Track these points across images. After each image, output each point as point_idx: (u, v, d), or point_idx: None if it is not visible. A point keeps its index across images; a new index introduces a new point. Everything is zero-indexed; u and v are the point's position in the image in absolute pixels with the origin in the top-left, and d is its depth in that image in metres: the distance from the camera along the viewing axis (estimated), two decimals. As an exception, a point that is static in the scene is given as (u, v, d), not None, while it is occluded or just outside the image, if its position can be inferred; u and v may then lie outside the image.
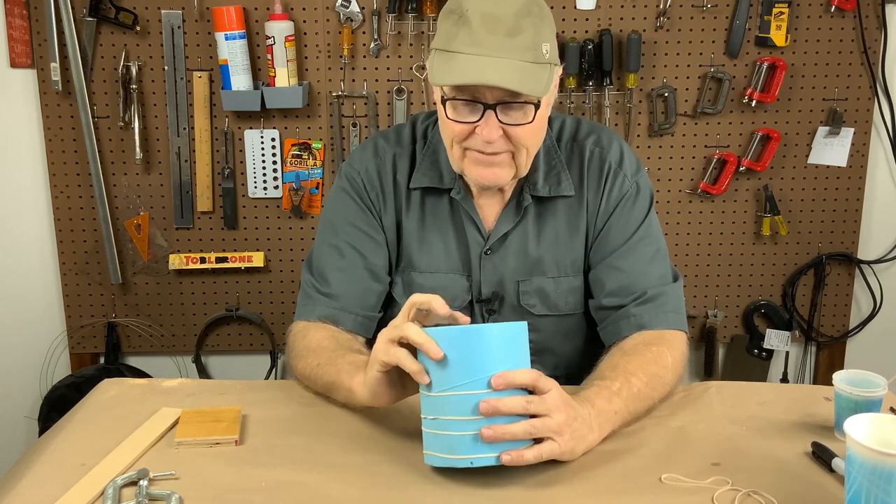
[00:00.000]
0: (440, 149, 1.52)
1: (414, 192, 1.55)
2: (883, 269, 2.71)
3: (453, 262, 1.55)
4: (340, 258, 1.54)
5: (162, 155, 2.51)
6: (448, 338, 1.17)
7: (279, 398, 1.47)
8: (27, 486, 1.20)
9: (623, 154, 1.56)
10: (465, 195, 1.53)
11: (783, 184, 2.60)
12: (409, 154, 1.56)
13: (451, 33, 1.35)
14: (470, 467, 1.17)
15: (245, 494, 1.18)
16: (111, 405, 1.45)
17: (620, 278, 1.51)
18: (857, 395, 1.30)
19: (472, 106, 1.37)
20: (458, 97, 1.37)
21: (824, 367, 2.75)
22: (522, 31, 1.34)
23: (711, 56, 2.50)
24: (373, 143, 1.59)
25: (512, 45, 1.33)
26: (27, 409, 2.69)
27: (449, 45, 1.35)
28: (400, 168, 1.56)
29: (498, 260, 1.54)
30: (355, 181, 1.56)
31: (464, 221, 1.54)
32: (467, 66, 1.32)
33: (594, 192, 1.54)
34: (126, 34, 2.41)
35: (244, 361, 2.71)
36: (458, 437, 1.17)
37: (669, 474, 1.23)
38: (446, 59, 1.35)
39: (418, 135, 1.58)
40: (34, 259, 2.60)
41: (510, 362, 1.17)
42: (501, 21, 1.33)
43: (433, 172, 1.54)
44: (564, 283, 1.55)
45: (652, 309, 1.48)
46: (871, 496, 1.04)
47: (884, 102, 2.57)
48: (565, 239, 1.54)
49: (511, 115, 1.37)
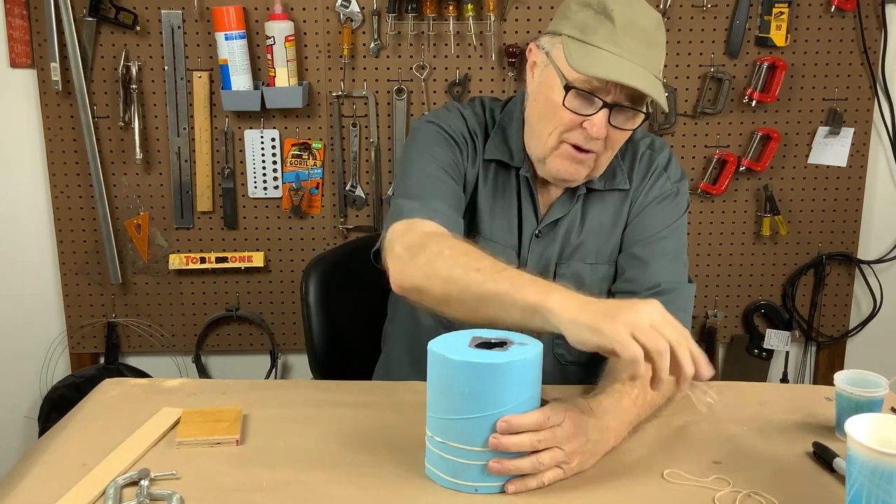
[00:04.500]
0: (510, 130, 1.57)
1: (489, 163, 1.58)
2: (883, 269, 2.71)
3: (511, 238, 1.58)
4: (440, 177, 1.49)
5: (162, 155, 2.51)
6: (461, 369, 1.15)
7: (280, 398, 1.47)
8: (28, 486, 1.20)
9: (671, 160, 1.62)
10: (532, 176, 1.56)
11: (783, 184, 2.60)
12: (483, 125, 1.59)
13: (590, 26, 1.38)
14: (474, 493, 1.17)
15: (246, 494, 1.18)
16: (112, 405, 1.45)
17: (639, 267, 1.55)
18: (859, 395, 1.30)
19: (589, 99, 1.40)
20: (583, 88, 1.39)
21: (824, 367, 2.75)
22: (656, 45, 1.40)
23: (711, 56, 2.50)
24: (455, 108, 1.60)
25: (647, 56, 1.39)
26: (27, 409, 2.69)
27: (587, 37, 1.38)
28: (478, 135, 1.58)
29: (546, 243, 1.58)
30: (449, 130, 1.54)
31: (523, 201, 1.57)
32: (611, 63, 1.36)
33: (637, 188, 1.59)
34: (126, 34, 2.41)
35: (244, 361, 2.71)
36: (464, 464, 1.17)
37: (671, 470, 1.23)
38: (585, 50, 1.38)
39: (487, 113, 1.61)
40: (34, 259, 2.60)
41: (523, 396, 1.16)
42: (642, 30, 1.38)
43: (504, 148, 1.57)
44: (600, 271, 1.59)
45: (662, 303, 1.49)
46: (872, 496, 1.04)
47: (884, 102, 2.57)
48: (608, 228, 1.58)
49: (620, 118, 1.42)
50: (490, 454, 1.16)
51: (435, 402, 1.19)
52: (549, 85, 1.44)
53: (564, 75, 1.40)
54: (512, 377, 1.15)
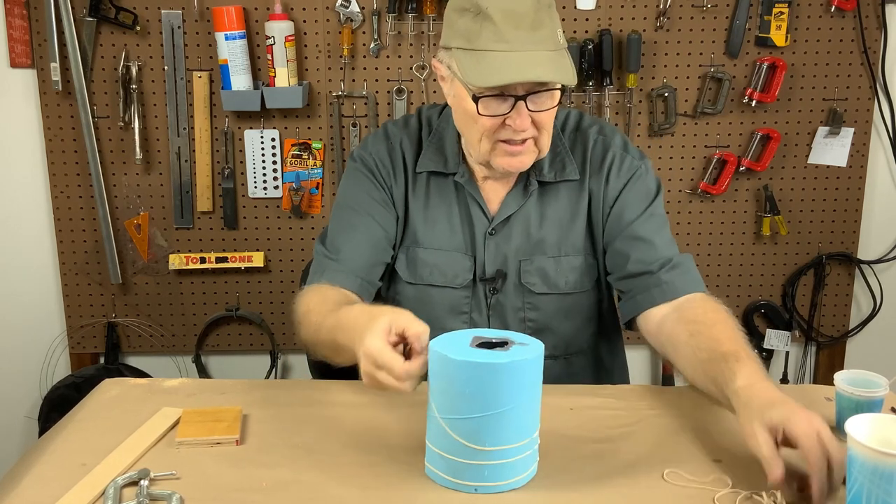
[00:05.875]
0: (445, 136, 1.59)
1: (420, 175, 1.60)
2: (883, 269, 2.71)
3: (457, 241, 1.59)
4: (353, 223, 1.58)
5: (162, 155, 2.51)
6: (463, 369, 1.14)
7: (280, 398, 1.47)
8: (28, 486, 1.20)
9: (626, 143, 1.62)
10: (470, 179, 1.58)
11: (783, 184, 2.60)
12: (415, 140, 1.62)
13: (472, 31, 1.38)
14: (474, 493, 1.17)
15: (245, 494, 1.18)
16: (112, 405, 1.45)
17: (644, 247, 1.54)
18: (859, 395, 1.30)
19: (501, 99, 1.41)
20: (488, 93, 1.40)
21: (824, 367, 2.75)
22: (543, 23, 1.38)
23: (711, 56, 2.50)
24: (383, 129, 1.65)
25: (536, 38, 1.37)
26: (27, 409, 2.69)
27: (474, 44, 1.38)
28: (407, 152, 1.61)
29: (502, 240, 1.59)
30: (368, 161, 1.61)
31: (469, 204, 1.59)
32: (503, 65, 1.36)
33: (596, 178, 1.58)
34: (126, 34, 2.41)
35: (244, 361, 2.71)
36: (464, 464, 1.17)
37: (671, 470, 1.23)
38: (476, 59, 1.38)
39: (424, 123, 1.63)
40: (34, 259, 2.60)
41: (524, 396, 1.16)
42: (522, 16, 1.37)
43: (438, 157, 1.59)
44: (565, 263, 1.59)
45: (680, 275, 1.52)
46: (872, 496, 1.04)
47: (884, 102, 2.57)
48: (567, 221, 1.59)
49: (538, 102, 1.42)
50: (491, 456, 1.16)
51: (435, 401, 1.18)
52: (461, 97, 1.45)
53: (468, 87, 1.42)
54: (513, 377, 1.15)
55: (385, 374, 1.17)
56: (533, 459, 1.22)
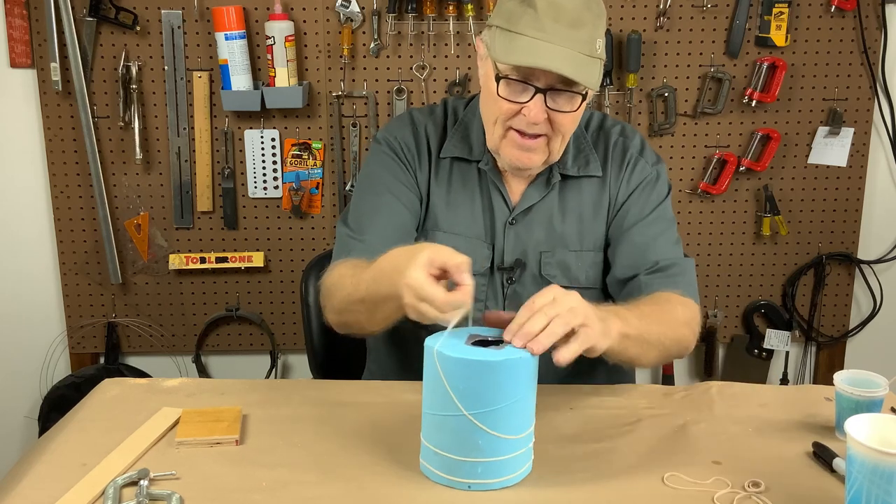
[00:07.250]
0: (472, 125, 1.61)
1: (443, 161, 1.62)
2: (883, 269, 2.71)
3: (477, 228, 1.61)
4: (378, 205, 1.59)
5: (162, 155, 2.51)
6: (458, 366, 1.15)
7: (279, 398, 1.47)
8: (28, 486, 1.20)
9: (644, 145, 1.64)
10: (493, 168, 1.59)
11: (783, 184, 2.60)
12: (440, 127, 1.64)
13: (514, 14, 1.41)
14: (467, 491, 1.18)
15: (245, 494, 1.18)
16: (112, 405, 1.45)
17: (633, 251, 1.57)
18: (859, 395, 1.30)
19: (523, 87, 1.42)
20: (512, 76, 1.42)
21: (824, 367, 2.75)
22: (583, 24, 1.40)
23: (711, 56, 2.50)
24: (408, 115, 1.67)
25: (573, 36, 1.39)
26: (27, 409, 2.69)
27: (512, 26, 1.40)
28: (432, 137, 1.63)
29: (522, 230, 1.60)
30: (392, 144, 1.63)
31: (490, 192, 1.60)
32: (531, 49, 1.38)
33: (616, 176, 1.61)
34: (126, 34, 2.41)
35: (244, 361, 2.71)
36: (458, 461, 1.17)
37: (671, 473, 1.23)
38: (509, 39, 1.40)
39: (449, 112, 1.65)
40: (34, 259, 2.60)
41: (518, 394, 1.17)
42: (566, 11, 1.39)
43: (463, 145, 1.61)
44: (586, 258, 1.61)
45: (663, 278, 1.54)
46: (872, 496, 1.04)
47: (884, 102, 2.57)
48: (590, 216, 1.61)
49: (558, 101, 1.43)
50: (485, 454, 1.16)
51: (430, 398, 1.19)
52: (488, 76, 1.47)
53: (496, 66, 1.44)
54: (508, 375, 1.15)
55: (427, 306, 1.19)
56: (527, 457, 1.22)
